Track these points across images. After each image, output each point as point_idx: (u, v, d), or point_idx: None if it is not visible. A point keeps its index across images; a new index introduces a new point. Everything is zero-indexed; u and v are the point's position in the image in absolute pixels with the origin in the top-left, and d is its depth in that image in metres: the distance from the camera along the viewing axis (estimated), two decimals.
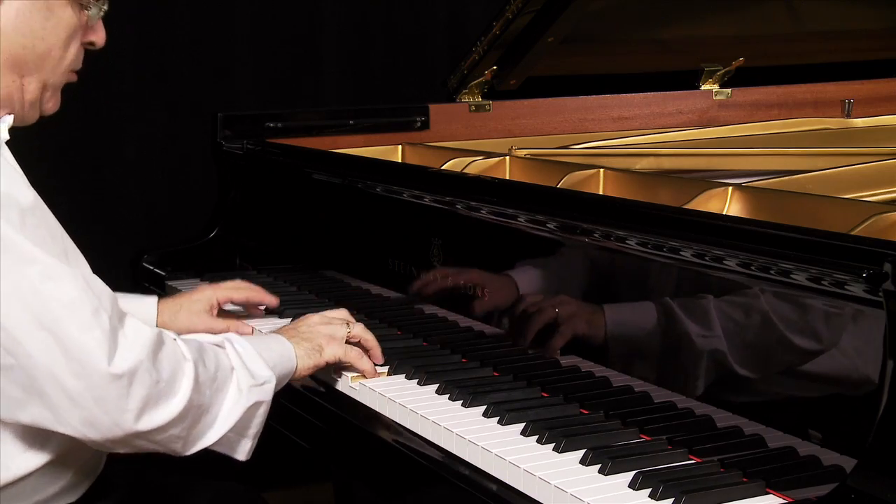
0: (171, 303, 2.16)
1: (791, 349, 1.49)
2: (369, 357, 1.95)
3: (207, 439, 1.65)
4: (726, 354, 1.57)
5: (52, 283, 1.48)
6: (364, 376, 1.94)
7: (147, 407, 1.53)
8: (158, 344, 1.57)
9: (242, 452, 1.71)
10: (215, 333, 2.14)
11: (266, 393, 1.71)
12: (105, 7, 1.69)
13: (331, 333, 1.91)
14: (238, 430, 1.68)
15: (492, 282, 2.01)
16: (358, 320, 2.00)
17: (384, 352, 1.99)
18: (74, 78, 1.71)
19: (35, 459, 1.59)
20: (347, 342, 1.93)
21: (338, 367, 1.95)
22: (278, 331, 1.92)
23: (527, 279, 1.95)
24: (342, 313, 1.99)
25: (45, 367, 1.48)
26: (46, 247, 1.50)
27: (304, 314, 2.28)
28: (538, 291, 1.93)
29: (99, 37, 1.71)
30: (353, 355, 1.92)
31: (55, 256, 1.50)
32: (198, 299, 2.17)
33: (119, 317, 1.55)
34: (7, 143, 1.57)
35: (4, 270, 1.47)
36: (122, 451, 1.59)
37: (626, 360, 1.74)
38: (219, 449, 1.68)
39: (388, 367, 1.97)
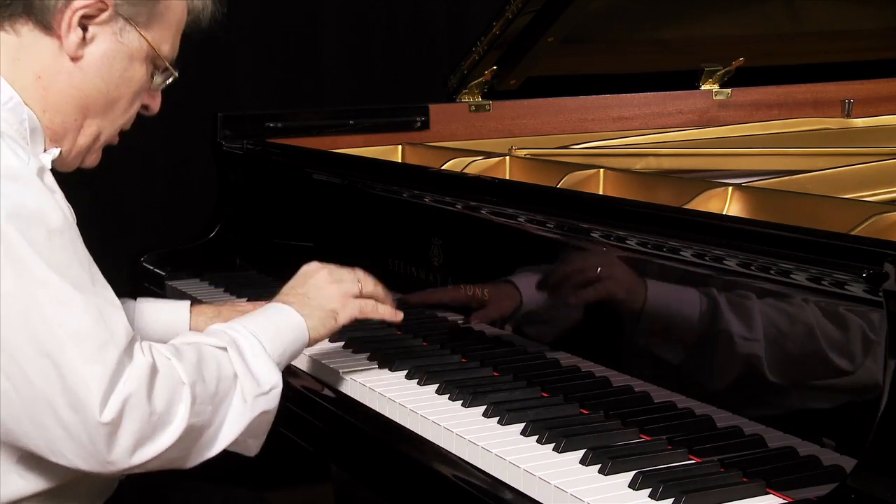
0: (207, 309, 2.05)
1: (791, 350, 1.49)
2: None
3: (212, 451, 1.60)
4: (728, 358, 1.57)
5: (62, 309, 1.45)
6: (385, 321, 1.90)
7: (140, 442, 1.49)
8: (153, 373, 1.50)
9: (250, 451, 1.67)
10: None
11: (272, 400, 1.64)
12: (171, 80, 1.73)
13: (343, 293, 1.84)
14: (246, 433, 1.63)
15: (492, 281, 2.01)
16: (358, 321, 1.94)
17: (385, 353, 1.99)
18: (117, 140, 1.75)
19: (31, 484, 1.56)
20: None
21: (338, 368, 1.95)
22: (286, 296, 1.83)
23: (526, 279, 1.94)
24: (349, 271, 1.90)
25: (43, 396, 1.44)
26: (65, 272, 1.46)
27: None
28: (537, 291, 1.93)
29: (155, 103, 1.77)
30: (369, 309, 1.86)
31: (71, 283, 1.46)
32: (239, 311, 2.02)
33: (129, 350, 1.49)
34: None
35: (15, 291, 1.44)
36: (117, 476, 1.56)
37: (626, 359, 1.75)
38: (227, 448, 1.63)
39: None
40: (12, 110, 1.58)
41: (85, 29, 1.61)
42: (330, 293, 1.83)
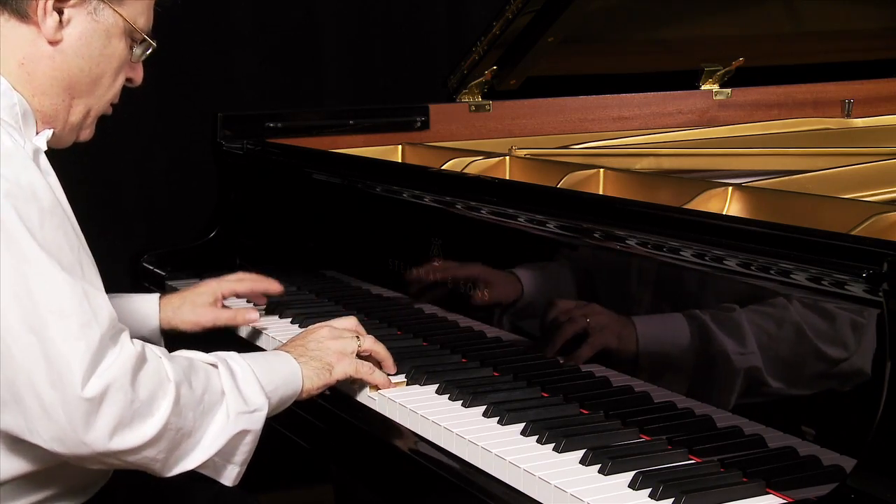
0: (174, 297, 2.16)
1: (790, 350, 1.49)
2: (382, 368, 1.91)
3: (189, 463, 1.61)
4: (729, 358, 1.57)
5: (47, 286, 1.48)
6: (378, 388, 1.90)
7: (119, 427, 1.50)
8: (140, 362, 1.53)
9: (229, 478, 1.67)
10: (221, 323, 2.16)
11: (255, 421, 1.67)
12: (149, 51, 1.77)
13: (341, 349, 1.86)
14: (223, 455, 1.64)
15: (492, 282, 2.01)
16: (359, 322, 1.96)
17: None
18: (110, 110, 1.78)
19: (14, 467, 1.56)
20: (358, 356, 1.89)
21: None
22: (286, 346, 1.87)
23: (527, 279, 1.94)
24: (351, 323, 1.94)
25: (25, 372, 1.47)
26: (54, 252, 1.49)
27: (305, 313, 2.28)
28: (538, 291, 1.93)
29: (138, 75, 1.80)
30: (365, 370, 1.87)
31: (58, 263, 1.49)
32: (202, 292, 2.17)
33: (114, 336, 1.52)
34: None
35: (5, 266, 1.47)
36: (95, 467, 1.57)
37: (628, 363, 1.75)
38: (204, 472, 1.65)
39: (404, 375, 1.92)
40: (2, 94, 1.61)
41: (60, 13, 1.64)
42: (328, 347, 1.86)
